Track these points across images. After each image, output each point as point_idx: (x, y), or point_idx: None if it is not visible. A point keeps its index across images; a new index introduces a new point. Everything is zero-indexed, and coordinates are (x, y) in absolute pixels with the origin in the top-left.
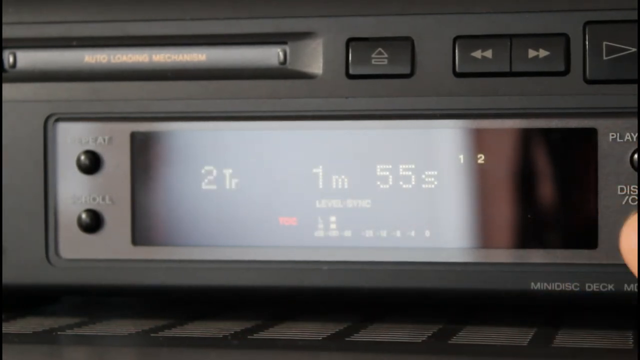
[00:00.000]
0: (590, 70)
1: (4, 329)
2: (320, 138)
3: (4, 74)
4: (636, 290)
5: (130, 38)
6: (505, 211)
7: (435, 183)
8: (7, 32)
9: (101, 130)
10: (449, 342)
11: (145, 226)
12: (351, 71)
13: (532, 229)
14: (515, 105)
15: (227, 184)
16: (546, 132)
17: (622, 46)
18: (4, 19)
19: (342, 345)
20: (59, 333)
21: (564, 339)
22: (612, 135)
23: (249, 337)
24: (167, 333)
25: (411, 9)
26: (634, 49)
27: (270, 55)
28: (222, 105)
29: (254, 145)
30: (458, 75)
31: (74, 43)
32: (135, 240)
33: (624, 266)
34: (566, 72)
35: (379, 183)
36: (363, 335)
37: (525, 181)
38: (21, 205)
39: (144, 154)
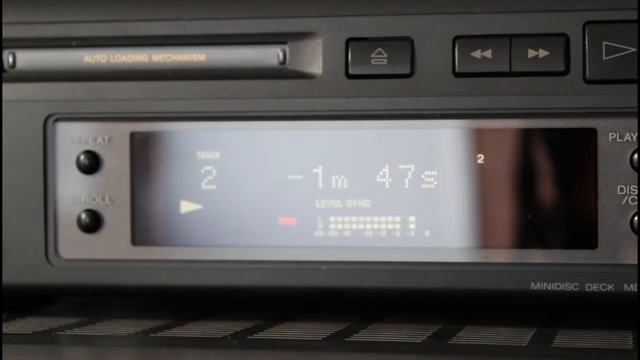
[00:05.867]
0: (590, 70)
1: (4, 329)
2: (320, 138)
3: (3, 74)
4: (636, 290)
5: (130, 38)
6: (505, 211)
7: (435, 183)
8: (7, 32)
9: (101, 130)
10: (449, 342)
11: (145, 226)
12: (351, 71)
13: (532, 229)
14: (515, 105)
15: (227, 183)
16: (546, 132)
17: (622, 46)
18: (4, 19)
19: (342, 345)
20: (58, 333)
21: (564, 339)
22: (612, 135)
23: (248, 337)
24: (167, 333)
25: (411, 9)
26: (633, 49)
27: (269, 55)
28: (221, 105)
29: (254, 145)
30: (458, 75)
31: (74, 43)
32: (135, 240)
33: (624, 266)
34: (566, 72)
35: (378, 183)
36: (363, 335)
37: (525, 181)
38: (21, 206)
39: (143, 154)
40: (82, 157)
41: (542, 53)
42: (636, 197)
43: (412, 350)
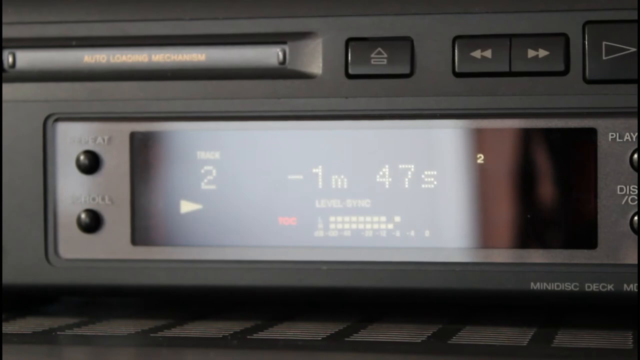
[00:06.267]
0: (590, 70)
1: (4, 329)
2: (319, 138)
3: (3, 74)
4: (636, 290)
5: (130, 38)
6: (505, 211)
7: (435, 183)
8: (7, 32)
9: (100, 130)
10: (449, 342)
11: (145, 226)
12: (350, 71)
13: (532, 229)
14: (514, 105)
15: (227, 183)
16: (546, 132)
17: (622, 46)
18: (4, 19)
19: (342, 345)
20: (58, 333)
21: (563, 339)
22: (612, 135)
23: (248, 337)
24: (167, 333)
25: (411, 9)
26: (633, 49)
27: (269, 55)
28: (221, 105)
29: (254, 145)
30: (457, 75)
31: (74, 43)
32: (135, 240)
33: (624, 266)
34: (566, 72)
35: (378, 183)
36: (363, 335)
37: (525, 181)
38: (21, 206)
39: (143, 154)
40: (82, 157)
41: (542, 53)
42: (636, 197)
43: (412, 350)
